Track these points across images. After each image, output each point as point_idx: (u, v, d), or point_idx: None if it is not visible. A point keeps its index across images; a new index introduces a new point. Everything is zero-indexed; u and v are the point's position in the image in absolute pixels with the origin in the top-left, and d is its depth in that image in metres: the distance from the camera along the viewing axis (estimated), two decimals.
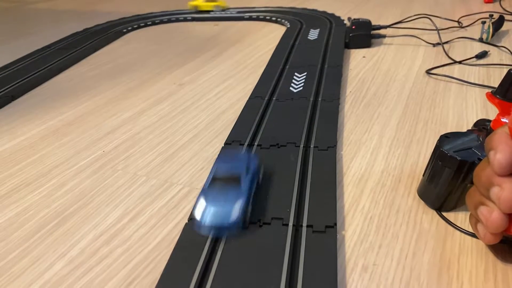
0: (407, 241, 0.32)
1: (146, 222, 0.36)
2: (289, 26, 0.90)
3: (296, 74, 0.62)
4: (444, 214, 0.34)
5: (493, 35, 0.73)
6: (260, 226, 0.33)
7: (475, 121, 0.38)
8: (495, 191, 0.25)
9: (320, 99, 0.54)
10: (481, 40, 0.74)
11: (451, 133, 0.34)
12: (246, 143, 0.44)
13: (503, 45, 0.71)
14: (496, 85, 0.35)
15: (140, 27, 1.02)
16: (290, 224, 0.32)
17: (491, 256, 0.30)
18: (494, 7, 0.94)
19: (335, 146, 0.43)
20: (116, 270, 0.31)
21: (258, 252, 0.30)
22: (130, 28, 1.00)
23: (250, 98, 0.56)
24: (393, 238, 0.32)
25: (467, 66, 0.64)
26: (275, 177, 0.38)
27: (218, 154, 0.44)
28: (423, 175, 0.35)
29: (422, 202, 0.35)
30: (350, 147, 0.44)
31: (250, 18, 1.02)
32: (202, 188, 0.35)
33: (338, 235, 0.32)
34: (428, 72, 0.62)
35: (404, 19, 0.87)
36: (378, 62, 0.68)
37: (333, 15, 0.95)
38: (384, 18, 0.92)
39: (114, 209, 0.38)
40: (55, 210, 0.38)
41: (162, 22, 1.05)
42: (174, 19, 1.05)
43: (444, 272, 0.29)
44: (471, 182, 0.29)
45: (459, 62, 0.65)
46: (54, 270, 0.32)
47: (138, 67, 0.75)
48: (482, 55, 0.66)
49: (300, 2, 1.11)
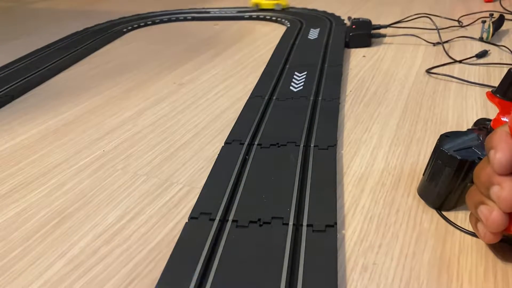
0: (407, 240, 0.32)
1: (146, 222, 0.36)
2: (289, 25, 0.90)
3: (296, 73, 0.62)
4: (444, 213, 0.34)
5: (493, 34, 0.73)
6: (260, 225, 0.32)
7: (475, 120, 0.38)
8: (495, 190, 0.25)
9: (320, 98, 0.53)
10: (481, 39, 0.73)
11: (451, 132, 0.34)
12: (246, 143, 0.44)
13: (503, 44, 0.70)
14: (496, 84, 0.35)
15: (140, 27, 1.02)
16: (290, 223, 0.32)
17: (491, 255, 0.30)
18: (494, 6, 0.94)
19: (336, 145, 0.43)
20: (116, 270, 0.31)
21: (258, 251, 0.30)
22: (130, 27, 1.00)
23: (250, 98, 0.56)
24: (393, 238, 0.32)
25: (467, 66, 0.64)
26: (275, 176, 0.38)
27: None
28: (423, 175, 0.35)
29: (422, 201, 0.35)
30: (350, 147, 0.44)
31: (250, 18, 1.02)
32: None
33: (338, 235, 0.32)
34: (428, 71, 0.62)
35: (404, 19, 0.87)
36: (378, 62, 0.68)
37: (333, 15, 0.95)
38: (384, 18, 0.92)
39: (114, 208, 0.38)
40: (55, 210, 0.38)
41: (162, 21, 1.05)
42: (174, 19, 1.05)
43: (444, 271, 0.29)
44: (471, 181, 0.29)
45: (459, 62, 0.65)
46: (54, 269, 0.32)
47: (138, 67, 0.75)
48: (482, 55, 0.66)
49: (300, 2, 1.11)
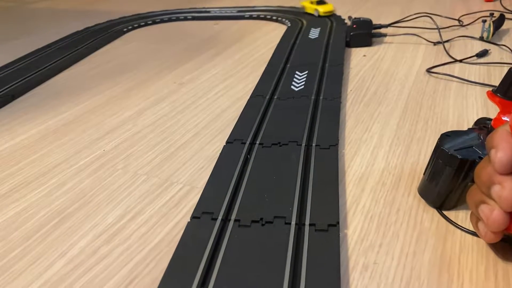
0: (408, 239, 0.32)
1: (146, 221, 0.36)
2: (289, 25, 0.90)
3: (297, 72, 0.62)
4: (444, 212, 0.34)
5: (493, 34, 0.73)
6: (262, 225, 0.32)
7: (476, 119, 0.38)
8: (496, 190, 0.25)
9: (321, 98, 0.53)
10: (481, 38, 0.73)
11: (452, 131, 0.34)
12: (248, 142, 0.44)
13: (504, 43, 0.70)
14: (496, 83, 0.34)
15: (140, 26, 1.02)
16: (293, 222, 0.32)
17: (492, 254, 0.30)
18: (495, 6, 0.94)
19: (337, 144, 0.43)
20: (116, 269, 0.31)
21: (261, 250, 0.30)
22: (130, 27, 1.00)
23: (251, 97, 0.56)
24: (393, 237, 0.32)
25: (468, 65, 0.64)
26: (277, 175, 0.38)
27: None
28: (424, 174, 0.35)
29: (422, 200, 0.35)
30: (350, 146, 0.44)
31: (251, 17, 1.02)
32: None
33: (340, 234, 0.32)
34: (428, 70, 0.62)
35: (404, 18, 0.87)
36: (378, 61, 0.68)
37: (333, 14, 0.95)
38: (384, 17, 0.91)
39: (114, 208, 0.38)
40: (55, 209, 0.38)
41: (163, 21, 1.04)
42: (175, 18, 1.05)
43: (444, 270, 0.29)
44: (472, 181, 0.29)
45: (460, 61, 0.65)
46: (54, 269, 0.31)
47: (138, 66, 0.75)
48: (483, 54, 0.66)
49: (300, 1, 1.11)
